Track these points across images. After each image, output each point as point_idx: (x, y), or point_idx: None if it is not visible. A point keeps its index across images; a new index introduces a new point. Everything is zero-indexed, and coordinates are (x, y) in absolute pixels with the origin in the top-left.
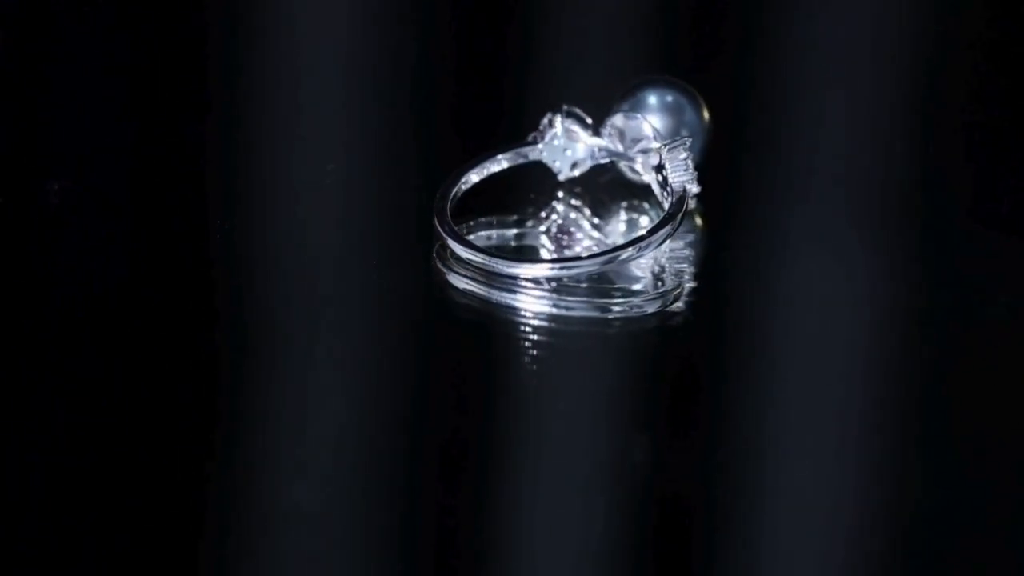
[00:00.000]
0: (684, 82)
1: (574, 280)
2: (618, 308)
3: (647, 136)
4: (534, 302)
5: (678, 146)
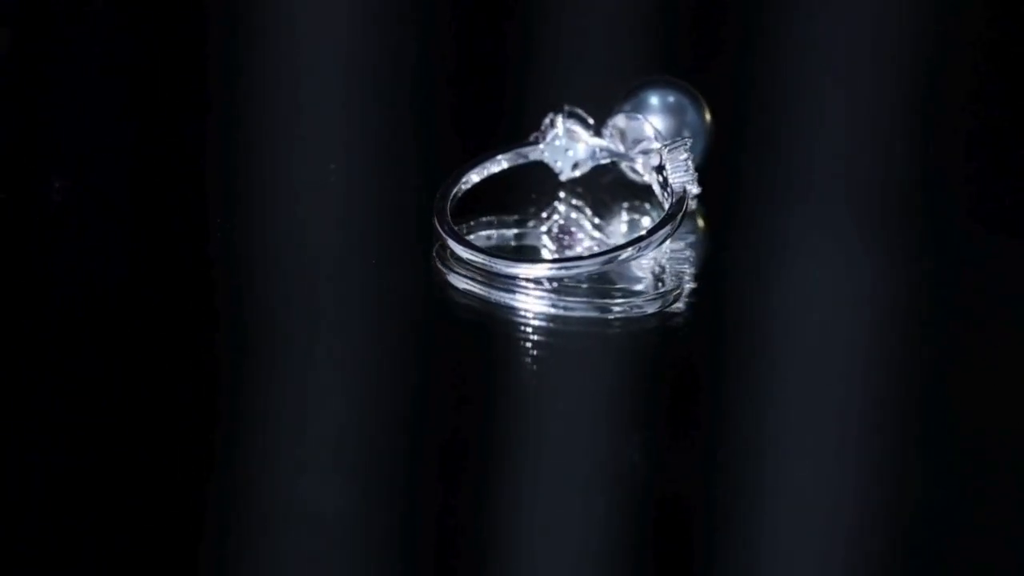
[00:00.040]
0: (686, 83)
1: (574, 280)
2: (618, 308)
3: (648, 137)
4: (534, 302)
5: (678, 147)
